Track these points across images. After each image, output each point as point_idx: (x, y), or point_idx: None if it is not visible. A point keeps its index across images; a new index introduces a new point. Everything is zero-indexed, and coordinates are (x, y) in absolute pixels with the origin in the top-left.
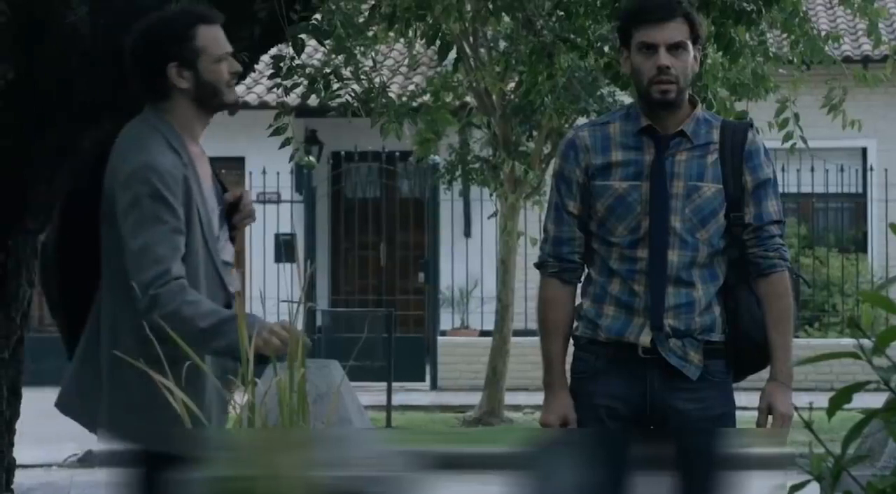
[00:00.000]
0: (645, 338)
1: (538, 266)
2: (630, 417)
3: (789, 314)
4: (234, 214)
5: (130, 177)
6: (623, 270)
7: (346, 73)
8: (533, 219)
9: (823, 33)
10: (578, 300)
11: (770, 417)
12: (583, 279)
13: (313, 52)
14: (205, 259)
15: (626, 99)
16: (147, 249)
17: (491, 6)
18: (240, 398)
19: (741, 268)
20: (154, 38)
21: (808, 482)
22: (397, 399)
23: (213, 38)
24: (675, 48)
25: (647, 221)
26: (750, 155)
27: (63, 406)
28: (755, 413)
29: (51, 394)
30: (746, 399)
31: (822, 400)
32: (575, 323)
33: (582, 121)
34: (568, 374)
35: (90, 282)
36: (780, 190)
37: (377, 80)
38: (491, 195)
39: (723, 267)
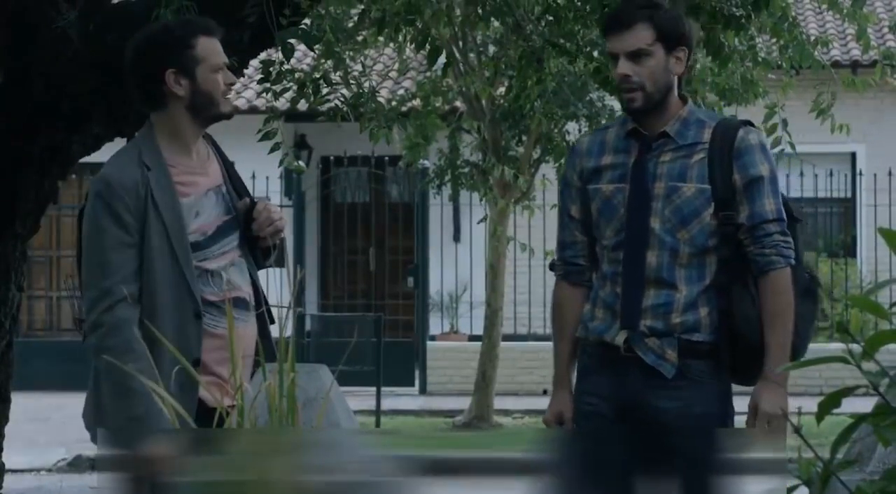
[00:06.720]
0: (619, 338)
1: (551, 268)
2: (613, 416)
3: (785, 311)
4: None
5: (90, 188)
6: (609, 272)
7: (336, 77)
8: (522, 224)
9: (812, 38)
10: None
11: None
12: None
13: (302, 56)
14: (169, 266)
15: (615, 103)
16: (94, 261)
17: (480, 11)
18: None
19: (735, 268)
20: (154, 45)
21: (797, 486)
22: (386, 403)
23: (212, 49)
24: (636, 55)
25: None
26: (739, 153)
27: None
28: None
29: (40, 399)
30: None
31: (811, 404)
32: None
33: (571, 125)
34: None
35: None
36: None
37: (366, 84)
38: (480, 200)
39: (711, 268)
